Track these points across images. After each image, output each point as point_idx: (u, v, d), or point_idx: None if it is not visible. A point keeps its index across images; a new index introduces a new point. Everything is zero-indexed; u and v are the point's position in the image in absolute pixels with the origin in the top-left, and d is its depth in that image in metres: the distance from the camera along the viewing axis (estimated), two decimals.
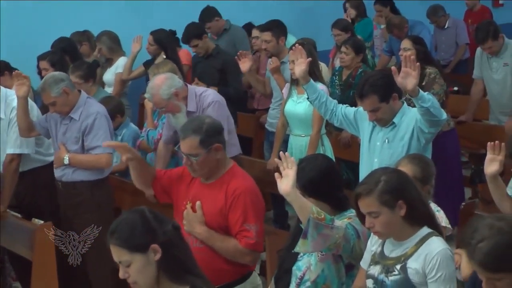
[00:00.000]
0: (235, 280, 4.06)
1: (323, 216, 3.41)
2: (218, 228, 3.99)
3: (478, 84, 7.35)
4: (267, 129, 7.06)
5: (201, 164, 3.98)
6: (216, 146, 3.99)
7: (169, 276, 2.86)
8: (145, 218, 2.86)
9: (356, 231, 3.57)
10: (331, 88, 7.11)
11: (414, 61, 4.30)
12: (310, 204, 3.44)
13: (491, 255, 2.77)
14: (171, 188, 4.21)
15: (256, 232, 3.96)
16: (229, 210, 3.96)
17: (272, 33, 6.82)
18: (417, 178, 3.95)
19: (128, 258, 2.82)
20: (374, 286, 3.37)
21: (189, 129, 4.02)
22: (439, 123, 4.55)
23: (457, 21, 10.20)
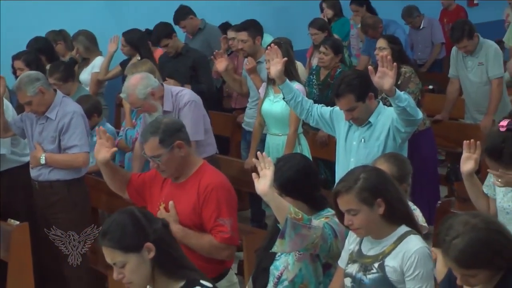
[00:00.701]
0: (212, 278, 4.04)
1: (300, 216, 3.41)
2: (193, 226, 4.00)
3: (454, 83, 7.39)
4: (244, 129, 7.06)
5: (166, 163, 4.00)
6: (178, 144, 4.00)
7: (164, 272, 2.88)
8: (135, 217, 2.88)
9: (334, 230, 3.58)
10: (309, 87, 7.12)
11: (390, 61, 4.32)
12: (288, 204, 3.44)
13: (466, 251, 2.80)
14: (145, 190, 4.23)
15: (231, 226, 3.98)
16: (202, 206, 3.98)
17: (248, 33, 6.81)
18: (394, 177, 3.95)
19: (122, 259, 2.84)
20: (352, 284, 3.38)
21: (148, 132, 4.05)
22: (415, 122, 4.58)
23: (432, 21, 10.26)
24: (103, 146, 4.16)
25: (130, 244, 2.83)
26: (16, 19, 8.40)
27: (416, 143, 6.30)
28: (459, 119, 7.75)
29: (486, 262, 2.82)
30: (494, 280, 2.91)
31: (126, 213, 2.91)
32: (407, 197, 4.04)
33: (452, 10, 10.82)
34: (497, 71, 6.99)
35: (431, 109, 7.33)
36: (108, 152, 4.14)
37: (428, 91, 8.17)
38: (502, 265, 2.87)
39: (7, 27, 8.28)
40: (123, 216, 2.90)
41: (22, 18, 8.42)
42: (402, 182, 4.00)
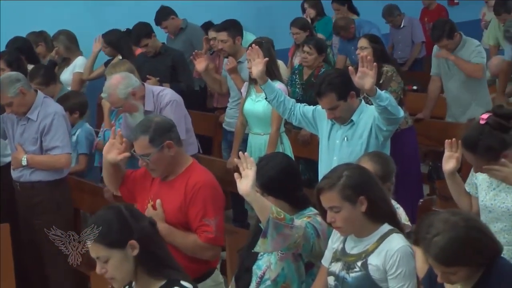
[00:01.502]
0: (196, 277, 4.04)
1: (282, 216, 3.41)
2: (179, 225, 4.00)
3: (436, 81, 7.41)
4: (225, 129, 7.05)
5: (155, 163, 4.01)
6: (167, 144, 4.01)
7: (146, 270, 2.89)
8: (122, 214, 2.90)
9: (316, 230, 3.58)
10: (292, 87, 7.13)
11: (371, 61, 4.33)
12: (270, 204, 3.44)
13: (446, 249, 2.82)
14: (135, 188, 4.24)
15: (216, 226, 3.98)
16: (188, 205, 3.98)
17: (228, 33, 6.80)
18: (377, 176, 3.96)
19: (106, 254, 2.86)
20: (335, 283, 3.38)
21: (138, 131, 4.06)
22: (396, 121, 4.60)
23: (413, 20, 10.30)
24: (114, 147, 4.14)
25: (114, 240, 2.85)
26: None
27: (399, 141, 6.31)
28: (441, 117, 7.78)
29: (466, 260, 2.84)
30: (474, 277, 2.93)
31: (113, 209, 2.94)
32: (390, 196, 4.06)
33: (433, 9, 10.87)
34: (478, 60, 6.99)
35: (413, 108, 7.34)
36: (118, 155, 4.12)
37: (411, 91, 8.20)
38: (482, 263, 2.88)
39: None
40: (110, 212, 2.93)
41: (2, 19, 8.36)
42: (386, 181, 4.01)
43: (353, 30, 8.57)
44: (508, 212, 3.70)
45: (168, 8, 8.30)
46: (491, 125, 3.60)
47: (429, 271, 3.12)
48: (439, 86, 7.43)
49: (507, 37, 7.30)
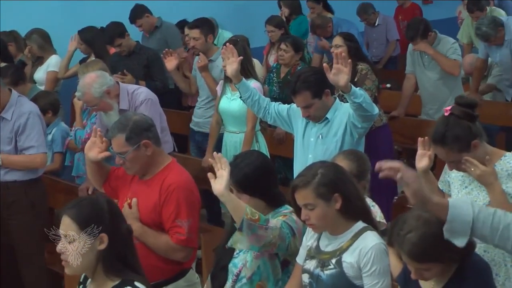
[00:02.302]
0: (169, 277, 4.06)
1: (257, 217, 3.42)
2: (153, 225, 3.99)
3: (410, 79, 7.45)
4: (192, 129, 7.00)
5: (131, 161, 4.01)
6: (145, 143, 4.01)
7: (105, 269, 2.87)
8: (101, 206, 2.89)
9: (292, 229, 3.59)
10: (269, 85, 7.14)
11: (345, 57, 4.35)
12: (244, 205, 3.45)
13: (419, 245, 2.84)
14: (118, 186, 4.24)
15: (188, 228, 3.96)
16: (162, 205, 3.97)
17: (200, 30, 6.78)
18: (353, 174, 3.98)
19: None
20: (310, 280, 3.39)
21: (116, 128, 4.06)
22: (371, 118, 4.62)
23: (387, 18, 10.35)
24: (96, 146, 4.16)
25: (90, 225, 2.83)
26: None
27: (373, 139, 6.34)
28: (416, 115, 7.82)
29: (439, 256, 2.86)
30: (448, 273, 2.95)
31: (97, 200, 2.94)
32: (366, 194, 4.08)
33: (407, 7, 10.93)
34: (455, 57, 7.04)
35: (388, 106, 7.37)
36: (99, 154, 4.14)
37: (385, 89, 8.24)
38: (455, 259, 2.91)
39: None
40: (94, 200, 2.94)
41: None
42: (361, 179, 4.03)
43: (331, 29, 8.59)
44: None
45: (143, 6, 8.27)
46: (456, 115, 3.62)
47: (403, 268, 3.15)
48: (414, 84, 7.48)
49: (478, 35, 7.35)
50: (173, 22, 8.66)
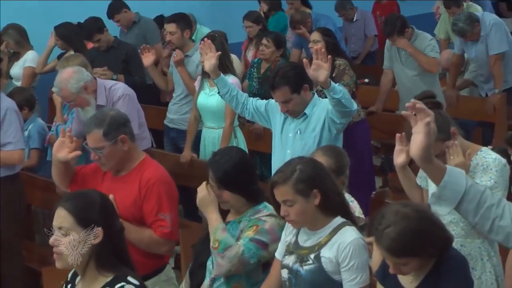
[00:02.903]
0: (150, 272, 4.06)
1: (217, 245, 3.52)
2: (133, 220, 3.98)
3: (388, 74, 7.48)
4: (167, 125, 6.96)
5: (107, 156, 4.00)
6: (122, 138, 4.00)
7: (98, 265, 2.85)
8: (96, 201, 2.88)
9: (261, 244, 3.58)
10: (249, 80, 7.13)
11: (325, 53, 4.36)
12: (214, 228, 3.58)
13: (397, 240, 2.85)
14: (86, 185, 4.19)
15: (171, 221, 3.99)
16: (143, 200, 3.97)
17: (176, 25, 6.75)
18: (331, 170, 3.99)
19: (69, 227, 2.81)
20: (289, 276, 3.40)
21: (92, 123, 4.04)
22: (350, 113, 4.63)
23: (365, 13, 10.37)
24: (65, 146, 4.12)
25: (86, 219, 2.82)
26: None
27: (351, 134, 6.36)
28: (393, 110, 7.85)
29: (417, 251, 2.87)
30: (426, 268, 2.97)
31: (92, 194, 2.94)
32: (344, 189, 4.09)
33: (385, 3, 10.96)
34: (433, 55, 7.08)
35: (366, 101, 7.40)
36: (70, 154, 4.10)
37: (363, 84, 8.26)
38: (433, 253, 2.92)
39: None
40: (96, 194, 2.94)
41: None
42: (340, 175, 4.03)
43: (310, 24, 8.60)
44: None
45: (121, 1, 8.23)
46: None
47: (382, 263, 3.16)
48: (391, 79, 7.50)
49: (455, 31, 7.39)
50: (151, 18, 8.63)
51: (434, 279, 2.95)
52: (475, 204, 2.59)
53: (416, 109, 2.55)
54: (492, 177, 3.70)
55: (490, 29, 7.32)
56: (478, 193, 2.60)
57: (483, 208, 2.59)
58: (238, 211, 3.72)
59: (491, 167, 3.69)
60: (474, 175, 3.77)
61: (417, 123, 2.56)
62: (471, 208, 2.60)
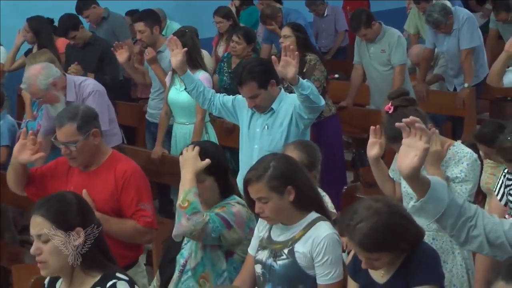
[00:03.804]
0: (129, 264, 4.07)
1: (186, 205, 3.48)
2: (111, 213, 3.98)
3: (358, 70, 7.51)
4: (148, 120, 7.00)
5: (80, 150, 3.97)
6: (94, 131, 4.00)
7: (84, 264, 2.78)
8: (72, 201, 2.81)
9: (226, 221, 3.57)
10: (220, 75, 7.13)
11: (293, 50, 4.37)
12: (187, 187, 3.51)
13: (369, 235, 2.85)
14: (46, 184, 4.15)
15: (151, 210, 4.03)
16: (121, 192, 3.98)
17: (144, 23, 6.74)
18: (303, 164, 3.99)
19: (49, 232, 2.73)
20: (263, 271, 3.40)
21: (65, 117, 4.01)
22: (318, 109, 4.66)
23: (336, 8, 10.39)
24: (27, 148, 4.06)
25: (65, 222, 2.75)
26: None
27: (323, 129, 6.38)
28: (364, 105, 7.88)
29: (389, 245, 2.88)
30: (397, 262, 2.98)
31: (66, 196, 2.87)
32: (316, 184, 4.10)
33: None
34: (399, 58, 7.13)
35: (337, 96, 7.42)
36: (33, 156, 4.04)
37: (333, 79, 8.28)
38: (405, 248, 2.93)
39: None
40: (70, 194, 2.88)
41: None
42: (312, 169, 4.04)
43: (281, 19, 8.61)
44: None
45: None
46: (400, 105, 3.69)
47: (353, 258, 3.17)
48: (361, 74, 7.53)
49: (429, 22, 7.41)
50: (121, 13, 8.58)
51: (405, 273, 2.96)
52: (455, 218, 2.61)
53: (415, 127, 2.54)
54: (463, 170, 3.73)
55: (463, 23, 7.38)
56: (458, 207, 2.61)
57: (460, 221, 2.61)
58: (208, 204, 3.70)
59: (463, 160, 3.72)
60: (447, 168, 3.79)
61: (410, 136, 2.57)
62: (450, 222, 2.62)
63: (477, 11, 9.76)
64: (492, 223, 2.66)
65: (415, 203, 2.61)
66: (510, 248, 2.64)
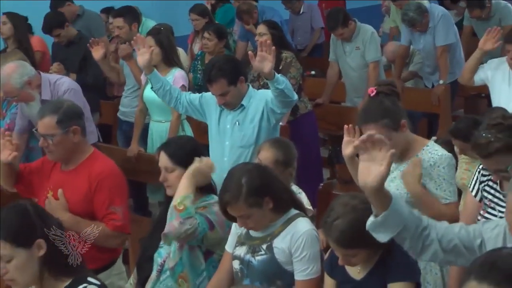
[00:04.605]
0: (102, 266, 4.03)
1: (182, 208, 3.49)
2: (84, 214, 3.95)
3: (334, 67, 7.53)
4: (120, 118, 6.96)
5: (57, 145, 3.95)
6: (74, 129, 3.97)
7: (52, 272, 2.73)
8: (29, 212, 2.72)
9: (210, 222, 3.59)
10: (194, 73, 7.12)
11: (270, 45, 4.39)
12: (185, 192, 3.55)
13: (346, 232, 2.87)
14: (33, 181, 4.16)
15: (123, 214, 3.98)
16: (94, 194, 3.95)
17: (124, 19, 6.73)
18: (279, 162, 4.02)
19: (9, 253, 2.66)
20: (241, 266, 3.41)
21: (47, 110, 4.00)
22: (291, 103, 4.69)
23: (312, 6, 10.41)
24: (5, 147, 4.06)
25: (21, 238, 2.67)
26: None
27: (299, 126, 6.39)
28: (340, 102, 7.91)
29: (365, 242, 2.89)
30: (374, 258, 3.00)
31: (20, 206, 2.77)
32: (292, 181, 4.11)
33: None
34: (373, 55, 7.17)
35: (313, 93, 7.44)
36: (10, 156, 4.04)
37: (310, 76, 8.30)
38: (380, 244, 2.94)
39: None
40: (16, 209, 2.76)
41: None
42: (288, 166, 4.06)
43: (256, 15, 8.61)
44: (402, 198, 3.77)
45: None
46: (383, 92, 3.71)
47: (330, 254, 3.18)
48: (337, 72, 7.56)
49: (405, 20, 7.45)
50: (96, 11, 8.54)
51: (381, 270, 2.99)
52: (413, 231, 2.61)
53: (374, 140, 2.51)
54: (440, 174, 3.72)
55: (438, 20, 7.41)
56: (415, 218, 2.62)
57: (417, 233, 2.62)
58: None
59: (438, 164, 3.71)
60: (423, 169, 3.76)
61: (367, 152, 2.53)
62: (409, 235, 2.61)
63: (452, 9, 9.80)
64: (443, 228, 2.67)
65: (376, 218, 2.56)
66: (464, 249, 2.66)
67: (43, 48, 7.69)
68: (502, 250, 2.13)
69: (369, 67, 7.15)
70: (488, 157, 3.48)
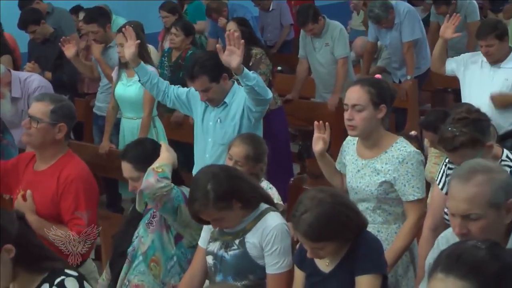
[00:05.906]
0: None
1: (160, 170, 3.52)
2: (50, 217, 3.91)
3: (303, 63, 7.59)
4: (96, 113, 6.99)
5: (39, 130, 3.89)
6: (62, 126, 3.92)
7: (25, 269, 2.71)
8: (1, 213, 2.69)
9: (185, 196, 3.59)
10: (161, 69, 7.12)
11: (238, 37, 4.37)
12: (168, 161, 3.61)
13: (313, 225, 2.90)
14: (10, 180, 4.11)
15: (88, 219, 3.91)
16: (60, 197, 3.90)
17: (97, 24, 6.74)
18: (250, 157, 4.05)
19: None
20: (214, 262, 3.44)
21: (48, 96, 4.02)
22: (265, 102, 4.66)
23: (281, 3, 10.44)
24: None
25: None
26: None
27: (269, 122, 6.42)
28: (310, 98, 7.97)
29: (333, 235, 2.94)
30: (342, 251, 3.04)
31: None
32: (263, 176, 4.15)
33: None
34: (342, 51, 7.24)
35: (282, 89, 7.48)
36: None
37: (277, 71, 8.35)
38: (348, 237, 3.00)
39: None
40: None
41: None
42: (259, 162, 4.09)
43: (226, 13, 8.63)
44: (372, 195, 3.81)
45: None
46: None
47: (299, 248, 3.22)
48: (307, 68, 7.62)
49: (371, 17, 7.55)
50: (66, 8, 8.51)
51: (349, 262, 3.02)
52: None
53: None
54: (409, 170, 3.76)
55: (404, 16, 7.51)
56: None
57: None
58: None
59: (407, 160, 3.74)
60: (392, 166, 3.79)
61: None
62: None
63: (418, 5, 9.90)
64: None
65: None
66: None
67: (13, 45, 7.65)
68: (467, 243, 2.15)
69: (338, 63, 7.23)
70: (453, 151, 3.55)
